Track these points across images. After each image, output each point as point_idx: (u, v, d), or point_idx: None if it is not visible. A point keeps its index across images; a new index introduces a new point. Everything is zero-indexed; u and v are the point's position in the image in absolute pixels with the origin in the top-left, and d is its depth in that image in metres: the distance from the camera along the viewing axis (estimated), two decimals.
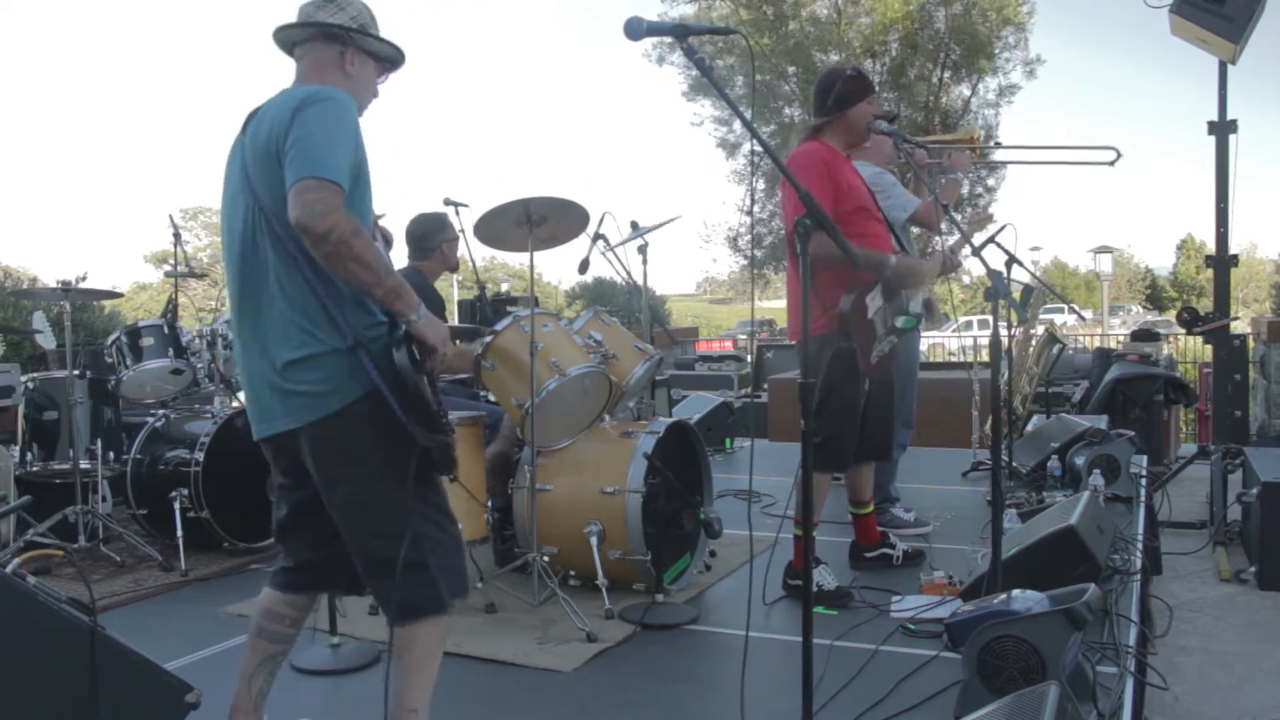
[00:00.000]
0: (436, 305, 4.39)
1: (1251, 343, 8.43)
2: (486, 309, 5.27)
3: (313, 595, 2.51)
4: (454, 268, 4.62)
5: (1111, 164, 4.25)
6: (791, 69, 21.70)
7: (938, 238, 4.48)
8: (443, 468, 2.27)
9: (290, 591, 2.45)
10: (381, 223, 3.32)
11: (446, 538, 2.32)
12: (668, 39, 2.20)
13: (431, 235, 4.48)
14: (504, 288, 20.78)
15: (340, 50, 2.37)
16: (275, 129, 2.17)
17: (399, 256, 4.74)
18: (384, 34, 2.44)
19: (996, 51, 21.20)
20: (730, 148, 22.88)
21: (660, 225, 4.56)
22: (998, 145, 4.47)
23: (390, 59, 2.48)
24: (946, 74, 21.74)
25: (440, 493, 2.35)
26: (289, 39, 2.40)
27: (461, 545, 2.39)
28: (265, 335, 2.23)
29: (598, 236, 4.41)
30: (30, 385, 4.93)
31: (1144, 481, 5.22)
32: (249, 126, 2.29)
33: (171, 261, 5.81)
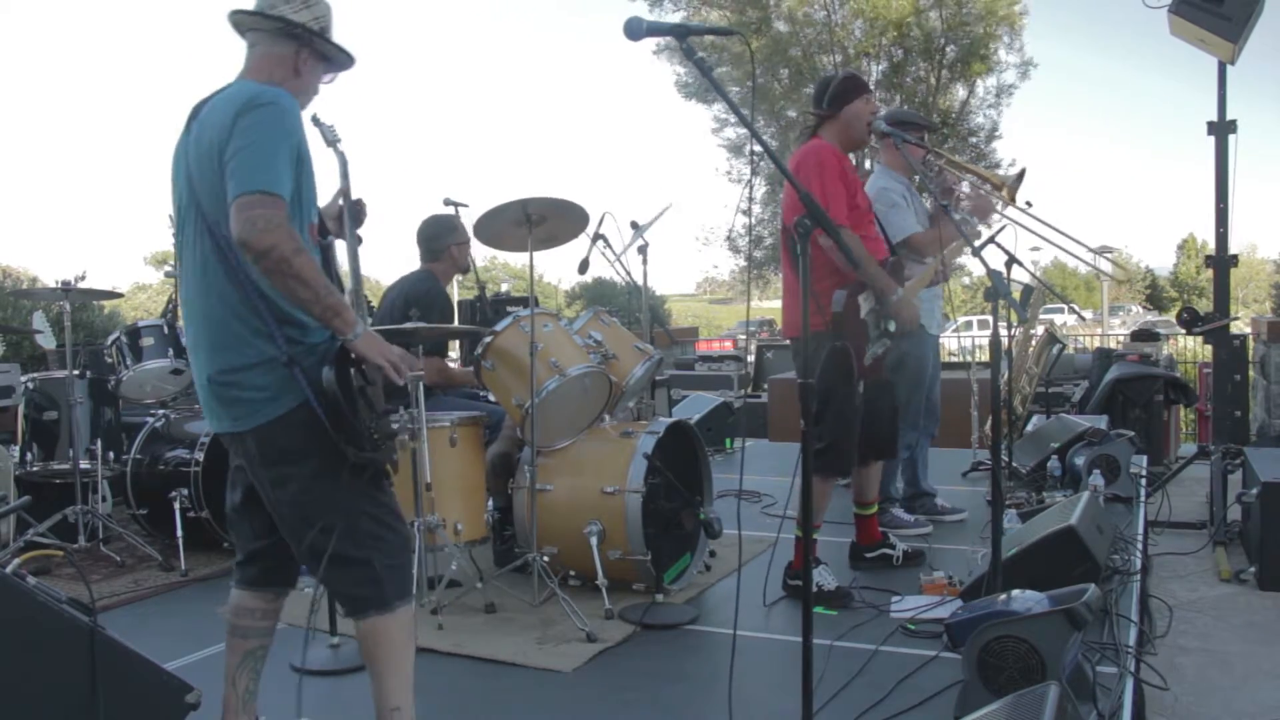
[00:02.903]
0: (444, 309, 4.38)
1: (1251, 343, 8.42)
2: (486, 309, 5.27)
3: (274, 590, 2.51)
4: (465, 270, 4.62)
5: (1122, 282, 4.22)
6: (784, 71, 21.69)
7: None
8: (375, 479, 2.30)
9: (248, 587, 2.48)
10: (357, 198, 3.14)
11: (394, 536, 2.33)
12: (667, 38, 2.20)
13: (440, 237, 4.48)
14: (504, 288, 20.77)
15: (296, 49, 2.33)
16: (218, 134, 2.15)
17: (375, 233, 4.72)
18: (340, 37, 2.40)
19: (992, 52, 21.18)
20: (736, 150, 22.86)
21: (655, 219, 4.56)
22: (1028, 208, 4.38)
23: (341, 65, 2.44)
24: (944, 73, 21.72)
25: (388, 491, 2.37)
26: (245, 25, 2.35)
27: (409, 545, 2.41)
28: (208, 340, 2.24)
29: (598, 236, 4.41)
30: (30, 385, 4.93)
31: (1144, 481, 5.22)
32: (192, 125, 2.27)
33: (171, 262, 5.81)
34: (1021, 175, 4.33)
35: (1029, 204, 4.38)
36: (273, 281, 2.11)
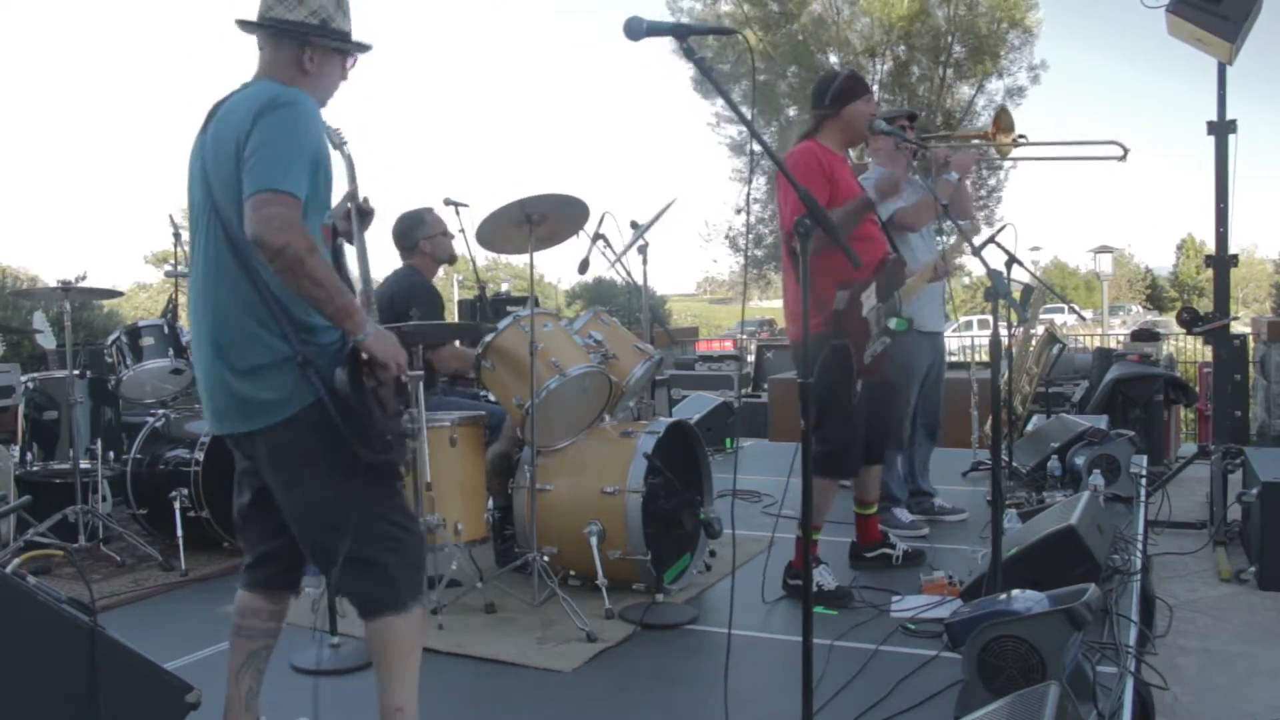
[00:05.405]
0: (434, 302, 4.37)
1: (1251, 343, 8.42)
2: (487, 309, 5.28)
3: (281, 593, 2.51)
4: (448, 261, 4.58)
5: (1122, 158, 4.29)
6: (792, 69, 21.63)
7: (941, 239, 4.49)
8: (389, 480, 2.29)
9: (254, 589, 2.47)
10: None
11: (407, 536, 2.33)
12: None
13: (409, 233, 4.46)
14: (504, 287, 20.76)
15: (299, 48, 2.31)
16: (237, 133, 2.15)
17: (376, 236, 4.68)
18: (353, 23, 2.37)
19: (1001, 54, 21.12)
20: (737, 149, 22.83)
21: (658, 216, 4.54)
22: (1024, 140, 4.49)
23: (353, 52, 2.42)
24: (950, 73, 21.68)
25: (400, 492, 2.37)
26: (248, 31, 2.35)
27: (423, 546, 2.41)
28: (219, 338, 2.23)
29: (598, 236, 4.41)
30: (30, 385, 4.93)
31: (1144, 481, 5.22)
32: (210, 125, 2.28)
33: (171, 261, 5.82)
34: (999, 116, 4.36)
35: (1023, 137, 4.44)
36: (286, 280, 2.11)
